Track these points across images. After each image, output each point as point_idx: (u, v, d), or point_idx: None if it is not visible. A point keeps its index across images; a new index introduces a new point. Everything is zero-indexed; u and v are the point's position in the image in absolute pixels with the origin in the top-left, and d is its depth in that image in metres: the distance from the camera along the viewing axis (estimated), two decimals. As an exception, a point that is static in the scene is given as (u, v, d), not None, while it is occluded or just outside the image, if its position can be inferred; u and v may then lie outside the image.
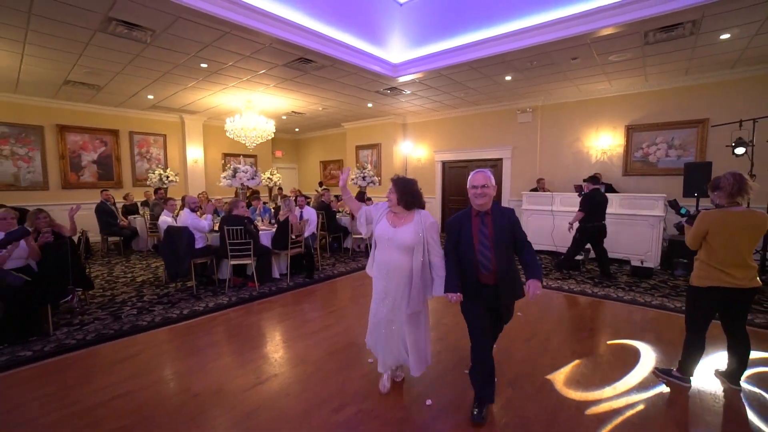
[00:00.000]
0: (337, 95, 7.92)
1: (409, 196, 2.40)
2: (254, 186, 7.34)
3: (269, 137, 8.02)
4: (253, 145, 7.95)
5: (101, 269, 6.09)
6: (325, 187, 10.48)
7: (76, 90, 7.18)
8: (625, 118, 7.34)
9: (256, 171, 6.99)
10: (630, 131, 7.31)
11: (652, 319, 3.97)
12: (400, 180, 2.44)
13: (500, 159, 8.97)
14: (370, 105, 8.84)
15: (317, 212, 6.66)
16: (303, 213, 6.08)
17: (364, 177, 8.42)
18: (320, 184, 12.62)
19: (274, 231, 5.46)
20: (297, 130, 12.95)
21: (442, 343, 3.36)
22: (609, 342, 3.42)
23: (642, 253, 6.09)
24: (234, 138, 7.70)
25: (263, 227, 5.91)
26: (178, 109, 9.18)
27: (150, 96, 7.76)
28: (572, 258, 5.73)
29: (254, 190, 8.78)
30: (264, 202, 7.61)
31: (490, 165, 8.92)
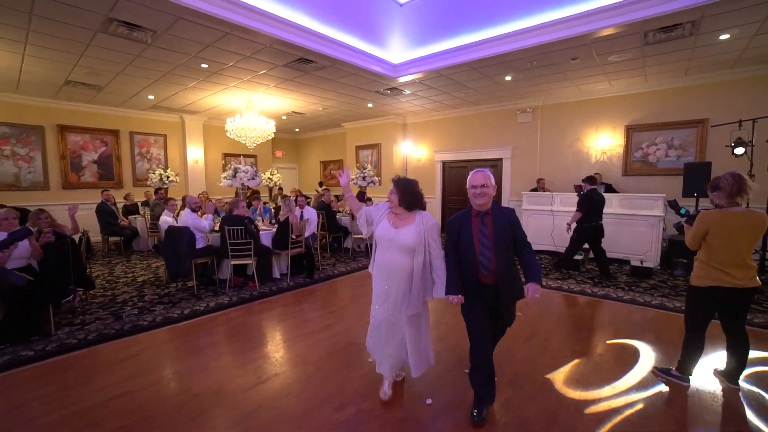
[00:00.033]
0: (338, 95, 7.93)
1: (411, 197, 2.37)
2: (254, 186, 7.36)
3: (269, 137, 8.03)
4: (254, 145, 7.96)
5: (102, 269, 6.11)
6: (326, 187, 10.48)
7: (77, 90, 7.19)
8: (625, 118, 7.35)
9: (257, 171, 7.01)
10: (630, 131, 7.32)
11: (652, 319, 3.98)
12: (402, 181, 2.41)
13: (500, 159, 8.97)
14: (370, 105, 8.85)
15: (317, 212, 6.67)
16: (303, 213, 6.09)
17: (365, 177, 8.43)
18: (320, 184, 12.63)
19: (275, 231, 5.47)
20: (297, 130, 12.96)
21: (442, 343, 3.36)
22: (609, 342, 3.43)
23: (642, 253, 6.10)
24: (234, 138, 7.71)
25: (264, 227, 5.92)
26: (179, 110, 9.19)
27: (150, 96, 7.77)
28: (570, 258, 5.75)
29: (254, 190, 8.79)
30: (264, 202, 7.62)
31: (490, 165, 8.91)
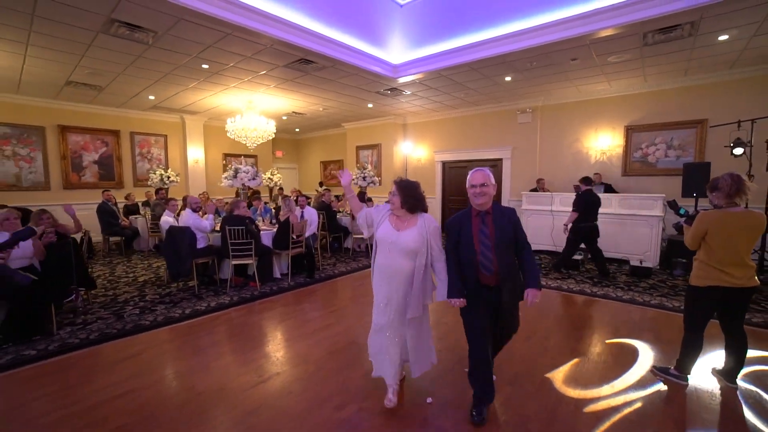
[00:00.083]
0: (338, 96, 7.95)
1: (413, 200, 2.34)
2: (255, 186, 7.37)
3: (270, 137, 8.04)
4: (254, 146, 7.97)
5: (103, 269, 6.12)
6: (326, 187, 10.49)
7: (78, 91, 7.21)
8: (625, 119, 7.37)
9: (257, 171, 7.02)
10: (629, 131, 7.34)
11: (651, 319, 3.99)
12: (404, 183, 2.38)
13: (500, 159, 8.99)
14: (371, 105, 8.87)
15: (318, 212, 6.68)
16: (303, 213, 6.10)
17: (365, 177, 8.44)
18: (320, 184, 12.65)
19: (275, 231, 5.49)
20: (297, 131, 12.97)
21: (442, 343, 3.38)
22: (608, 341, 3.44)
23: (641, 253, 6.12)
24: (235, 138, 7.72)
25: (264, 227, 5.93)
26: (179, 110, 9.20)
27: (151, 96, 7.79)
28: (568, 258, 5.77)
29: (255, 191, 8.81)
30: (265, 202, 7.64)
31: (490, 165, 8.91)
